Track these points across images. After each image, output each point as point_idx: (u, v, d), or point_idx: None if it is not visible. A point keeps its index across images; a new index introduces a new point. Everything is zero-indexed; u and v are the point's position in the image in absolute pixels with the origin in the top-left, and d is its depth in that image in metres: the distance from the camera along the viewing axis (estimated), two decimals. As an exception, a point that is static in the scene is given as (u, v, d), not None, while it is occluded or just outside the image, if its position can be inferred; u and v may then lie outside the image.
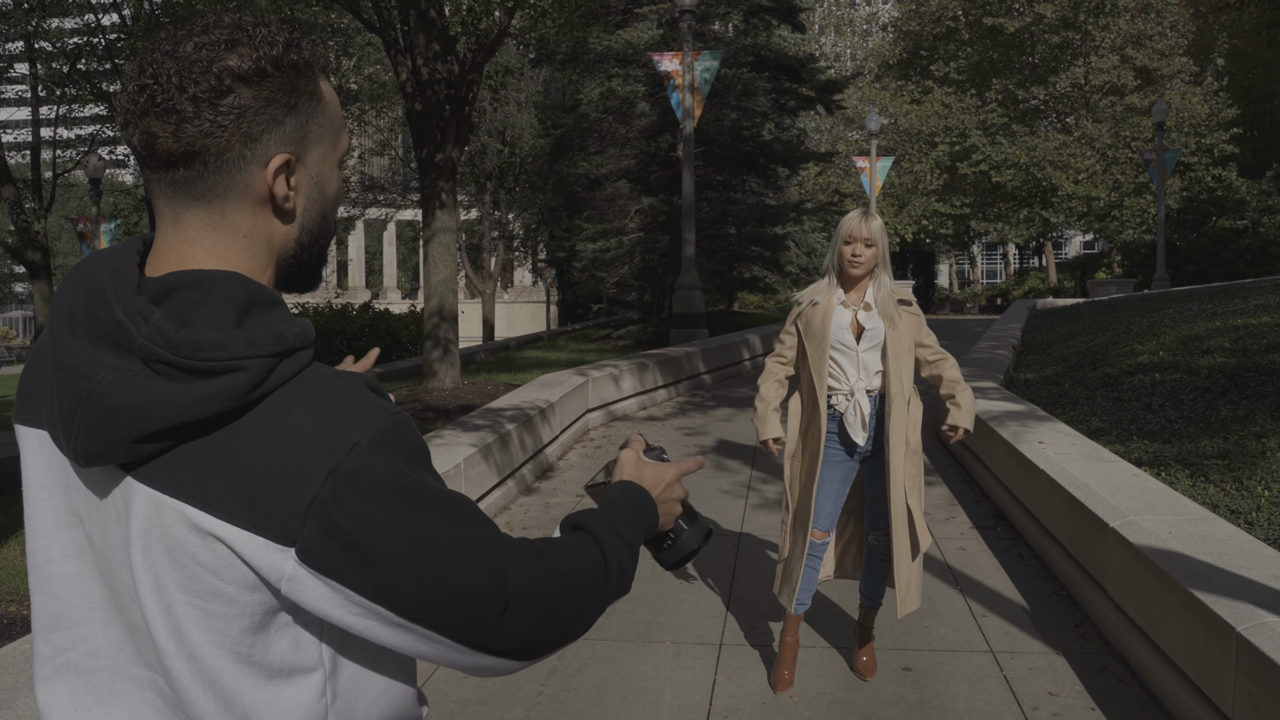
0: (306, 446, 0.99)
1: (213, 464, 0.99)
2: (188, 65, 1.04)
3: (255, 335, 1.01)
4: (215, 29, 1.07)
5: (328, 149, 1.16)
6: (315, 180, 1.15)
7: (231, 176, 1.07)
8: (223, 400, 0.98)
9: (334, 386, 1.05)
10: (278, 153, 1.09)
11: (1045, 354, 12.89)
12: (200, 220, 1.08)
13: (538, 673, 4.29)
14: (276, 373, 1.02)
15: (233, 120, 1.05)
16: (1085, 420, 7.91)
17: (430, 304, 11.27)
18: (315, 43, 1.14)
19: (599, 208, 24.46)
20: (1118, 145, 38.48)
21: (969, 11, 42.31)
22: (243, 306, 1.04)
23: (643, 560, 5.80)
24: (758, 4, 23.68)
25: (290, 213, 1.13)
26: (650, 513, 1.34)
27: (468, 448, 6.45)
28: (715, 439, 9.58)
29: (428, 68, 10.93)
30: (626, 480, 1.37)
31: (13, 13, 14.92)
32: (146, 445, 0.99)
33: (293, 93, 1.09)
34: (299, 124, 1.11)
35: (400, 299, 64.17)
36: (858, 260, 3.88)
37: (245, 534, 0.99)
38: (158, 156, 1.05)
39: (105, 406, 0.98)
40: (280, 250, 1.15)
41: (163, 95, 1.04)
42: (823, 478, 4.00)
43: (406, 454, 1.04)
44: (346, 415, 1.02)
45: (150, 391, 0.97)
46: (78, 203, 47.07)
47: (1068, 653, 4.38)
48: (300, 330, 1.05)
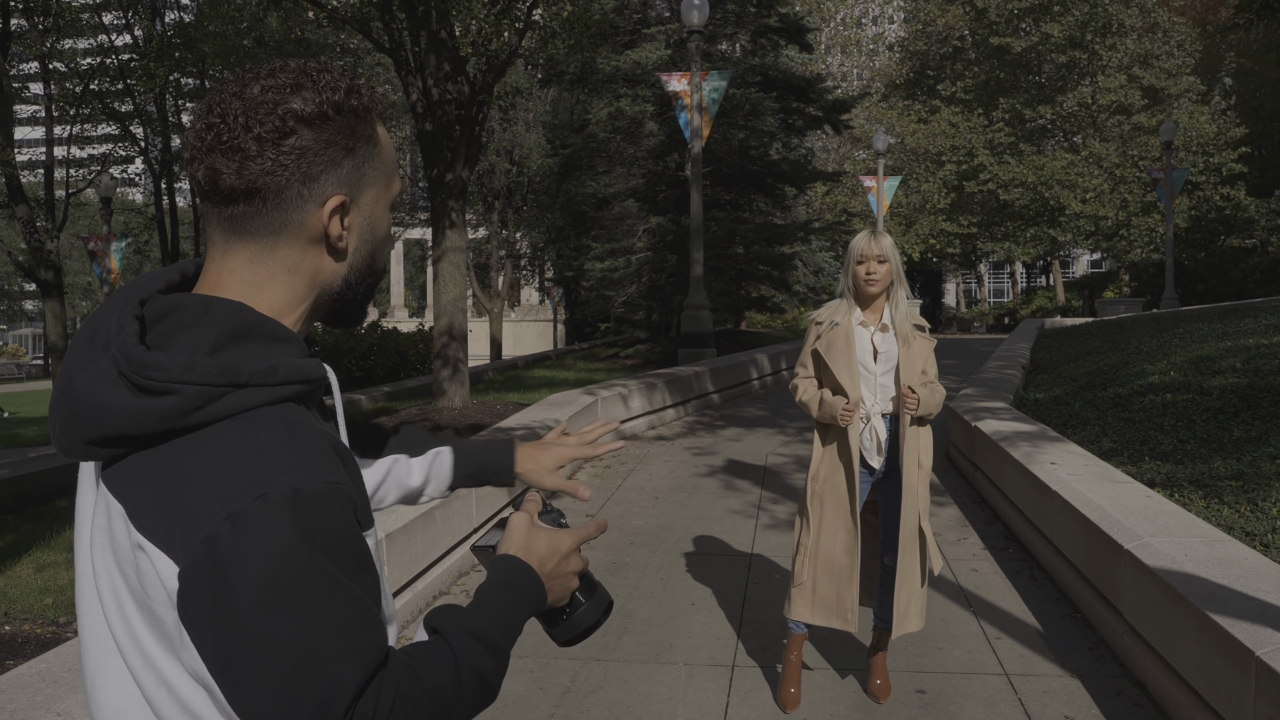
0: (219, 482, 0.99)
1: (149, 479, 1.02)
2: (254, 106, 1.09)
3: (197, 363, 1.02)
4: (281, 73, 1.13)
5: (380, 191, 1.20)
6: (368, 221, 1.19)
7: (288, 213, 1.11)
8: (154, 420, 1.01)
9: (276, 431, 1.04)
10: (334, 193, 1.13)
11: (1055, 374, 12.86)
12: (248, 252, 1.13)
13: (550, 694, 4.28)
14: (218, 404, 1.03)
15: (294, 160, 1.10)
16: (1097, 441, 7.89)
17: (440, 323, 11.29)
18: (374, 89, 1.17)
19: (607, 227, 24.53)
20: (1125, 164, 38.49)
21: (976, 31, 42.42)
22: (229, 335, 1.07)
23: (651, 581, 5.79)
24: (765, 24, 23.80)
25: (342, 251, 1.17)
26: (536, 594, 1.24)
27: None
28: (724, 459, 9.56)
29: (438, 88, 11.00)
30: (512, 556, 1.26)
31: (29, 34, 15.04)
32: (99, 449, 1.04)
33: (351, 136, 1.14)
34: (355, 166, 1.15)
35: (408, 317, 64.31)
36: (873, 278, 3.86)
37: (159, 552, 1.00)
38: (219, 191, 1.10)
39: (69, 406, 1.04)
40: (325, 286, 1.18)
41: (229, 134, 1.08)
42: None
43: (314, 531, 0.99)
44: (272, 463, 1.01)
45: (104, 400, 1.02)
46: (88, 221, 47.34)
47: (1083, 675, 4.36)
48: (267, 369, 1.06)
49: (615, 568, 6.13)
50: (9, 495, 8.49)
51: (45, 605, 5.35)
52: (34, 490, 8.78)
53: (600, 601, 1.35)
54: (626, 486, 8.43)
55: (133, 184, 32.40)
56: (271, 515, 0.97)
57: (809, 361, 4.03)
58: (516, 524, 1.31)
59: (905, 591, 3.93)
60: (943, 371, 14.18)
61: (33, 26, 14.79)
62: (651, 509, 7.65)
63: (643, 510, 7.61)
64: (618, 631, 5.03)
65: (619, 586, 5.75)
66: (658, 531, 6.98)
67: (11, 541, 6.82)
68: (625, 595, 5.60)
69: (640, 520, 7.31)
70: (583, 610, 1.33)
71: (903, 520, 3.89)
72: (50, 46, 15.20)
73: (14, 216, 14.67)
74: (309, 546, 0.98)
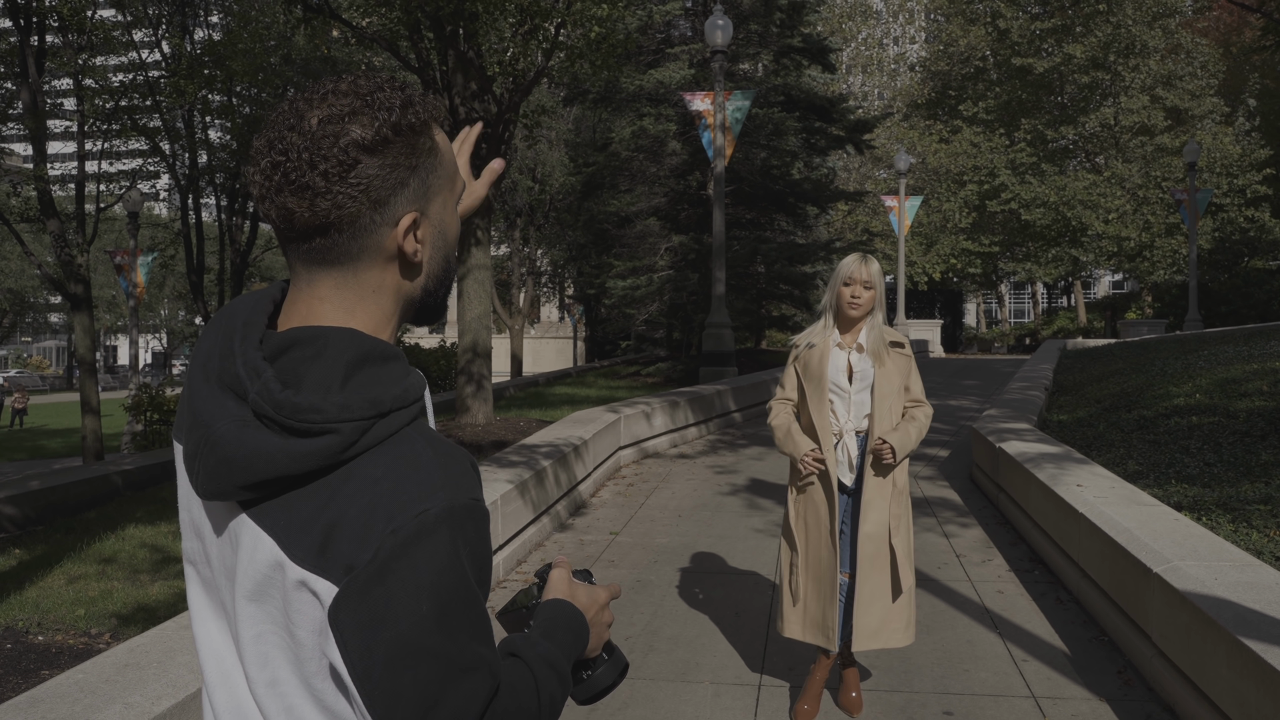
0: (379, 503, 1.04)
1: (303, 513, 1.06)
2: (315, 141, 1.10)
3: (350, 400, 1.06)
4: (336, 98, 1.13)
5: (447, 196, 1.22)
6: (439, 229, 1.21)
7: (364, 240, 1.13)
8: (317, 459, 1.05)
9: (422, 451, 1.09)
10: (405, 212, 1.15)
11: (1078, 395, 12.82)
12: (332, 280, 1.15)
13: (577, 712, 4.30)
14: (370, 434, 1.07)
15: (362, 190, 1.11)
16: (1122, 463, 7.87)
17: (464, 340, 11.36)
18: (428, 98, 1.18)
19: (629, 245, 24.62)
20: (1148, 185, 38.35)
21: (997, 52, 42.42)
22: (353, 363, 1.10)
23: (676, 599, 5.81)
24: (788, 44, 23.89)
25: (419, 265, 1.20)
26: (583, 636, 1.30)
27: (504, 484, 6.49)
28: (747, 477, 9.57)
29: (465, 107, 11.10)
30: (561, 600, 1.32)
31: (63, 51, 15.27)
32: (253, 491, 1.07)
33: (413, 153, 1.15)
34: (421, 181, 1.16)
35: (428, 333, 64.56)
36: (856, 302, 3.98)
37: (315, 577, 1.04)
38: (295, 229, 1.12)
39: (219, 454, 1.07)
40: (408, 297, 1.21)
41: (295, 173, 1.10)
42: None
43: (464, 545, 1.05)
44: (425, 481, 1.06)
45: (256, 445, 1.05)
46: (115, 235, 47.77)
47: (1111, 699, 4.35)
48: (400, 392, 1.10)
49: (640, 585, 6.15)
50: (39, 507, 8.57)
51: (77, 616, 5.41)
52: (62, 503, 8.87)
53: (618, 663, 1.42)
54: (650, 505, 8.45)
55: (159, 199, 32.70)
56: (431, 531, 1.03)
57: (787, 383, 4.19)
58: (558, 578, 1.36)
59: (877, 609, 3.99)
60: (964, 392, 14.18)
61: (66, 44, 15.02)
62: (675, 527, 7.67)
63: (666, 528, 7.63)
64: (644, 649, 5.05)
65: (644, 605, 5.77)
66: (681, 550, 7.00)
67: (42, 554, 6.89)
68: (650, 613, 5.62)
69: (664, 538, 7.33)
70: (603, 669, 1.39)
71: (860, 538, 3.97)
72: (83, 63, 15.43)
73: (45, 230, 14.88)
74: (460, 562, 1.05)
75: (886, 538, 3.97)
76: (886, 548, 3.98)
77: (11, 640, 5.04)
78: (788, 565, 4.18)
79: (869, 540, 3.96)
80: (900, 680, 4.62)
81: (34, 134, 13.83)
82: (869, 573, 3.97)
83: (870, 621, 3.98)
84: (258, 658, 1.11)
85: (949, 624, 5.39)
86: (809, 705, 4.18)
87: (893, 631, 4.03)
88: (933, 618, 5.42)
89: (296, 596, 1.06)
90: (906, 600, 4.04)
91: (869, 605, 3.98)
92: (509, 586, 6.13)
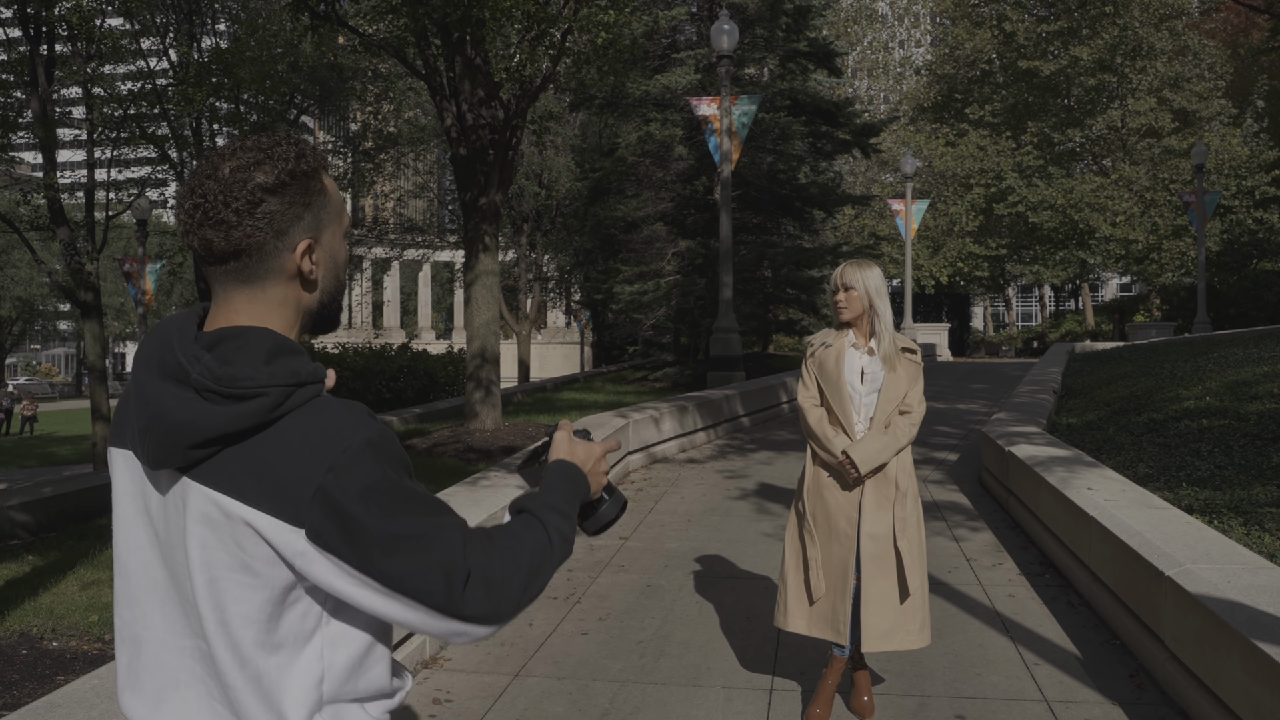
0: (312, 449, 1.33)
1: (245, 465, 1.33)
2: (228, 186, 1.39)
3: (276, 371, 1.35)
4: (243, 152, 1.42)
5: (335, 227, 1.52)
6: (330, 254, 1.52)
7: (269, 263, 1.43)
8: (252, 417, 1.33)
9: (335, 408, 1.38)
10: (302, 239, 1.45)
11: (1087, 398, 12.79)
12: (245, 295, 1.44)
13: (589, 715, 4.31)
14: (292, 399, 1.36)
15: (266, 223, 1.40)
16: (1132, 466, 7.85)
17: (473, 346, 11.37)
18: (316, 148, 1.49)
19: (636, 250, 24.62)
20: (1156, 187, 38.29)
21: (1004, 55, 42.40)
22: (271, 351, 1.38)
23: (686, 604, 5.81)
24: (795, 49, 23.90)
25: (314, 282, 1.50)
26: (583, 485, 1.65)
27: (514, 490, 6.50)
28: (756, 482, 9.57)
29: (472, 113, 11.13)
30: (562, 459, 1.67)
31: (72, 59, 15.33)
32: (197, 451, 1.33)
33: (306, 193, 1.45)
34: (314, 215, 1.46)
35: (435, 339, 64.66)
36: (840, 306, 4.10)
37: (268, 518, 1.32)
38: (214, 255, 1.41)
39: (169, 422, 1.33)
40: (306, 308, 1.51)
41: (213, 210, 1.38)
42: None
43: (389, 458, 1.36)
44: (341, 427, 1.35)
45: (200, 411, 1.32)
46: (124, 243, 47.96)
47: (1124, 703, 4.34)
48: (312, 369, 1.39)
49: (650, 590, 6.15)
50: (51, 514, 8.60)
51: (91, 622, 5.43)
52: (74, 509, 8.90)
53: (618, 500, 1.75)
54: (659, 509, 8.46)
55: (167, 206, 32.79)
56: (358, 458, 1.33)
57: (810, 383, 4.23)
58: (560, 439, 1.72)
59: (887, 610, 4.00)
60: (972, 395, 14.17)
61: (75, 53, 15.08)
62: (685, 532, 7.67)
63: (676, 533, 7.63)
64: (655, 654, 5.06)
65: (654, 609, 5.78)
66: (691, 554, 7.00)
67: (56, 559, 6.92)
68: (661, 618, 5.62)
69: (673, 543, 7.33)
70: (606, 506, 1.73)
71: (863, 538, 3.99)
72: (92, 72, 15.49)
73: (55, 239, 14.93)
74: (391, 469, 1.36)
75: (891, 539, 3.99)
76: (891, 549, 3.99)
77: (27, 646, 5.06)
78: (794, 559, 4.19)
79: (872, 541, 3.99)
80: (912, 684, 4.61)
81: (44, 143, 13.88)
82: (875, 574, 3.99)
83: (881, 623, 3.99)
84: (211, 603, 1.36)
85: (960, 628, 5.38)
86: (821, 709, 4.19)
87: (906, 633, 4.03)
88: (944, 621, 5.42)
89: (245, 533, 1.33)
90: (919, 602, 4.05)
91: (878, 607, 3.99)
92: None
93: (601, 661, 4.97)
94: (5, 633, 5.26)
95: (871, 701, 4.28)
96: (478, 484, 6.64)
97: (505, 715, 4.33)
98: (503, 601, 1.40)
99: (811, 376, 4.21)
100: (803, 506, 4.17)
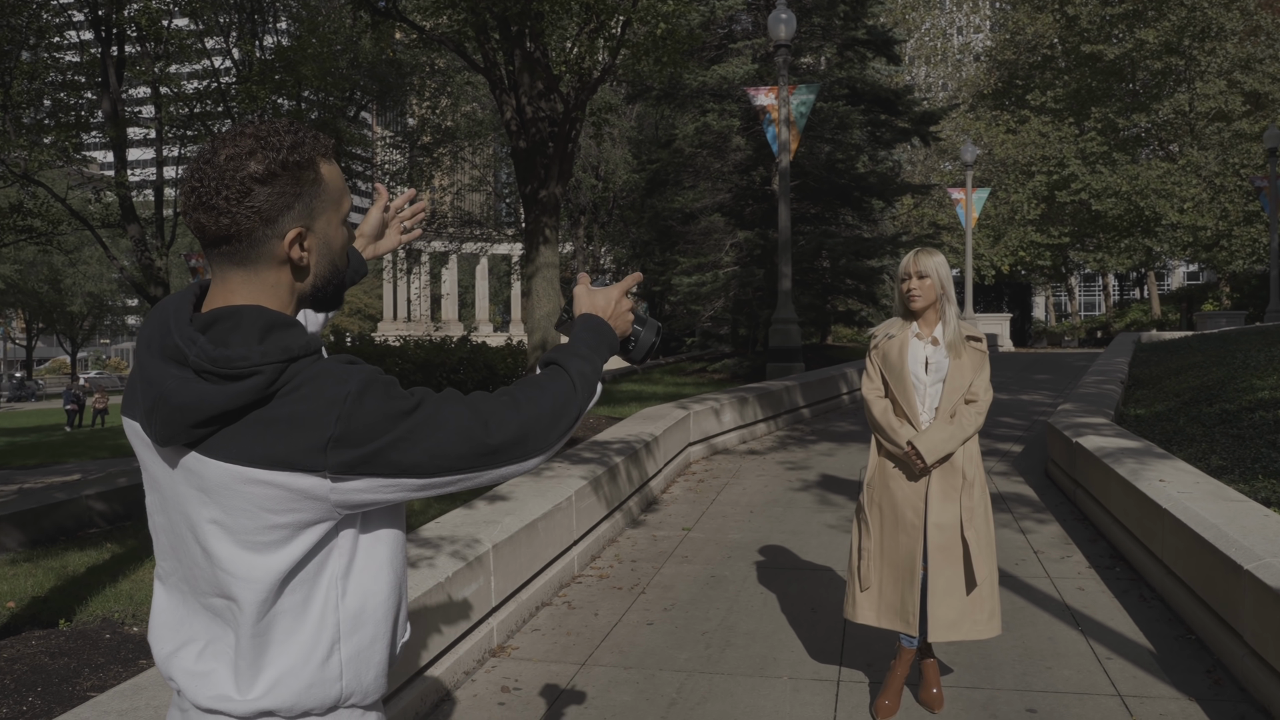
0: (316, 406, 1.40)
1: (251, 435, 1.41)
2: (221, 173, 1.45)
3: (269, 349, 1.42)
4: (240, 139, 1.48)
5: (331, 215, 1.57)
6: (323, 241, 1.57)
7: (259, 248, 1.49)
8: (249, 395, 1.40)
9: (328, 365, 1.46)
10: (291, 228, 1.50)
11: (1156, 389, 12.55)
12: (239, 276, 1.51)
13: (656, 705, 4.33)
14: (286, 374, 1.42)
15: (254, 211, 1.46)
16: (1204, 458, 7.69)
17: (534, 338, 11.45)
18: (317, 137, 1.53)
19: (694, 241, 24.58)
20: (1225, 173, 37.35)
21: (1066, 39, 41.63)
22: (264, 328, 1.45)
23: (751, 595, 5.81)
24: (853, 37, 23.68)
25: (305, 268, 1.56)
26: (607, 331, 1.76)
27: (578, 480, 6.54)
28: (818, 473, 9.53)
29: (532, 106, 11.18)
30: (583, 313, 1.80)
31: (141, 59, 15.67)
32: (200, 429, 1.41)
33: (298, 182, 1.50)
34: (305, 204, 1.51)
35: (493, 331, 65.14)
36: (913, 295, 4.03)
37: (284, 474, 1.40)
38: (207, 237, 1.48)
39: (171, 403, 1.41)
40: (300, 291, 1.58)
41: (206, 196, 1.45)
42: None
43: (384, 386, 1.45)
44: (339, 379, 1.43)
45: (200, 392, 1.39)
46: (188, 239, 48.91)
47: (1201, 699, 4.26)
48: (305, 342, 1.46)
49: (714, 581, 6.16)
50: (126, 503, 8.81)
51: (168, 610, 5.56)
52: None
53: (652, 327, 1.88)
54: (721, 500, 8.46)
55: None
56: (361, 398, 1.42)
57: (874, 375, 4.19)
58: (579, 293, 1.83)
59: (954, 600, 3.98)
60: (1036, 386, 14.01)
61: (144, 53, 15.40)
62: (747, 523, 7.67)
63: (738, 524, 7.63)
64: (720, 644, 5.06)
65: (719, 600, 5.78)
66: (754, 545, 6.99)
67: (133, 547, 7.09)
68: (726, 609, 5.63)
69: (736, 534, 7.33)
70: (642, 335, 1.88)
71: (929, 528, 3.96)
72: (160, 71, 15.82)
73: (125, 235, 15.27)
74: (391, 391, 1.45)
75: (958, 529, 3.96)
76: (958, 539, 3.96)
77: (110, 631, 5.20)
78: (857, 551, 4.18)
79: (939, 531, 3.96)
80: (981, 677, 4.57)
81: (115, 142, 14.22)
82: (941, 564, 3.96)
83: (947, 613, 3.96)
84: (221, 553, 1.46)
85: (1029, 620, 5.32)
86: (890, 700, 4.17)
87: (974, 623, 4.00)
88: (1012, 614, 5.36)
89: (261, 492, 1.41)
90: (988, 591, 4.01)
91: (944, 597, 3.96)
92: (583, 582, 6.18)
93: (667, 651, 4.99)
94: (89, 618, 5.41)
95: (940, 694, 4.25)
96: (541, 475, 6.68)
97: (574, 704, 4.37)
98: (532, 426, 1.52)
99: (875, 368, 4.18)
100: (868, 498, 4.16)
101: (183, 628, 1.56)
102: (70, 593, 5.88)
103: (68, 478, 13.54)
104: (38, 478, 15.65)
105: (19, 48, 14.70)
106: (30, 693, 4.38)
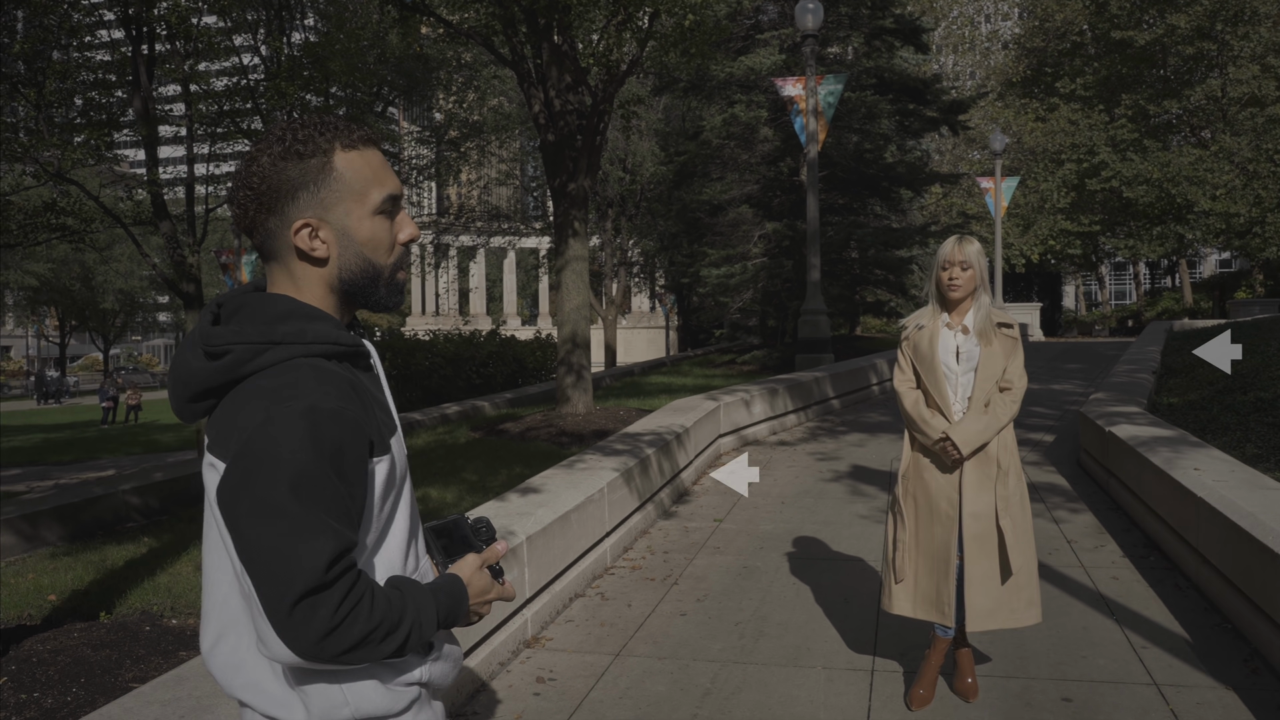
0: (261, 400, 1.39)
1: (220, 417, 1.45)
2: (241, 169, 1.51)
3: (244, 330, 1.46)
4: (266, 137, 1.53)
5: (351, 206, 1.53)
6: (341, 231, 1.54)
7: (273, 240, 1.53)
8: (221, 374, 1.46)
9: (303, 371, 1.43)
10: (299, 218, 1.50)
11: (1189, 377, 12.44)
12: (275, 268, 1.56)
13: (691, 695, 4.35)
14: (262, 357, 1.44)
15: (257, 202, 1.50)
16: (1239, 446, 7.64)
17: (564, 331, 11.48)
18: (335, 127, 1.52)
19: (722, 233, 24.55)
20: (1259, 159, 36.84)
21: (1096, 25, 41.21)
22: (279, 316, 1.49)
23: (784, 585, 5.82)
24: (880, 26, 23.55)
25: (322, 259, 1.54)
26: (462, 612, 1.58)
27: (610, 472, 6.57)
28: (849, 464, 9.52)
29: (560, 99, 11.20)
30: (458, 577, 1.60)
31: (171, 57, 15.81)
32: (195, 404, 1.50)
33: (303, 173, 1.50)
34: (313, 194, 1.51)
35: (520, 325, 65.33)
36: (955, 284, 3.98)
37: (219, 462, 1.41)
38: (240, 232, 1.61)
39: (174, 377, 1.51)
40: (330, 282, 1.56)
41: (231, 192, 1.53)
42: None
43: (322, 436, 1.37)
44: (295, 385, 1.40)
45: (193, 366, 1.48)
46: (219, 235, 49.34)
47: (1239, 688, 4.24)
48: (319, 332, 1.48)
49: (746, 571, 6.18)
50: (162, 497, 8.94)
51: (207, 601, 5.64)
52: (184, 492, 9.23)
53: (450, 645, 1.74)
54: (752, 491, 8.47)
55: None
56: (290, 419, 1.36)
57: (905, 366, 4.17)
58: (471, 561, 1.65)
59: (990, 589, 3.97)
60: (1067, 376, 13.90)
61: (173, 51, 15.55)
62: (779, 514, 7.68)
63: (770, 515, 7.64)
64: (754, 635, 5.08)
65: (751, 590, 5.80)
66: (786, 536, 7.00)
67: (170, 541, 7.20)
68: (759, 599, 5.65)
69: (768, 525, 7.34)
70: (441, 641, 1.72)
71: (965, 518, 3.95)
72: (190, 69, 15.95)
73: (157, 232, 15.44)
74: (315, 449, 1.36)
75: (993, 518, 3.94)
76: (993, 528, 3.95)
77: (149, 623, 5.29)
78: (892, 543, 4.17)
79: (974, 520, 3.95)
80: (1016, 666, 4.57)
81: (146, 139, 14.36)
82: (977, 554, 3.95)
83: (984, 602, 3.96)
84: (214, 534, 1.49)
85: (1063, 610, 5.31)
86: (924, 690, 4.17)
87: (1011, 611, 3.99)
88: (1047, 604, 5.33)
89: (212, 478, 1.44)
90: (1026, 579, 4.00)
91: (981, 586, 3.96)
92: (616, 573, 6.22)
93: (701, 642, 5.02)
94: (129, 610, 5.50)
95: (975, 683, 4.25)
96: (574, 466, 6.72)
97: (609, 694, 4.40)
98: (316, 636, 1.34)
99: (907, 360, 4.16)
100: (903, 489, 4.16)
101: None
102: (110, 586, 5.98)
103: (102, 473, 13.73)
104: (73, 473, 15.87)
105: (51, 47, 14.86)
106: (74, 684, 4.47)
